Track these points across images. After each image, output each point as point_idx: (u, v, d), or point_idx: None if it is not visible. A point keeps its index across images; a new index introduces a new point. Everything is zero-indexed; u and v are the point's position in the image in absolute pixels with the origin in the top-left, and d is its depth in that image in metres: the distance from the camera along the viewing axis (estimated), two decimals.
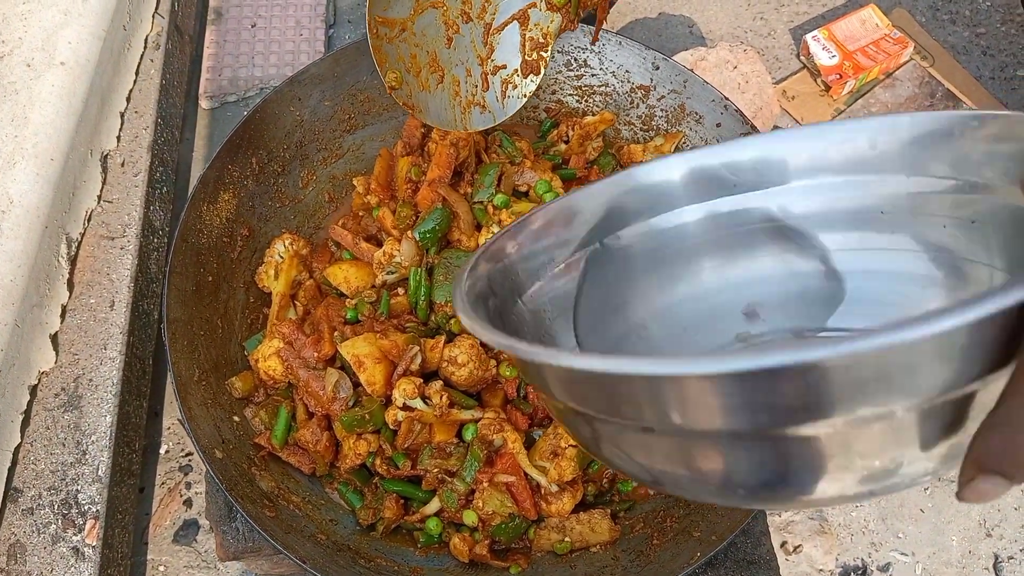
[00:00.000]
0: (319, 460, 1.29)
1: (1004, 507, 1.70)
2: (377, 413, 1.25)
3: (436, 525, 1.26)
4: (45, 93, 1.54)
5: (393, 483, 1.28)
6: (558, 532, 1.28)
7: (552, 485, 1.25)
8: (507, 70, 1.32)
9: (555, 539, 1.27)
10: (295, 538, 1.16)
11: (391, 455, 1.27)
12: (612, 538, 1.28)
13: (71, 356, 1.50)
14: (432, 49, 1.26)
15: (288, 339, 1.30)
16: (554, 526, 1.28)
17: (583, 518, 1.28)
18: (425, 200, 1.38)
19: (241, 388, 1.33)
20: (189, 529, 1.59)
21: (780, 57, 2.16)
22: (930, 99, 2.07)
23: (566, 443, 1.25)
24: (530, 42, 1.29)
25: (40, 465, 1.42)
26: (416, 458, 1.27)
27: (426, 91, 1.27)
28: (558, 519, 1.28)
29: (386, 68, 1.22)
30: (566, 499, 1.26)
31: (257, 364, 1.32)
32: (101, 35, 1.64)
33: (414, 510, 1.28)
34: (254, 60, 1.99)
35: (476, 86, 1.31)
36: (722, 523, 1.22)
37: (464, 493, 1.24)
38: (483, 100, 1.32)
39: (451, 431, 1.27)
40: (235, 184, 1.38)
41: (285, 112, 1.42)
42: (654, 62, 1.46)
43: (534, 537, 1.28)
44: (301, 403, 1.30)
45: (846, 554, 1.67)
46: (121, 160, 1.69)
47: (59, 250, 1.52)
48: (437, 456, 1.24)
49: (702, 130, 1.47)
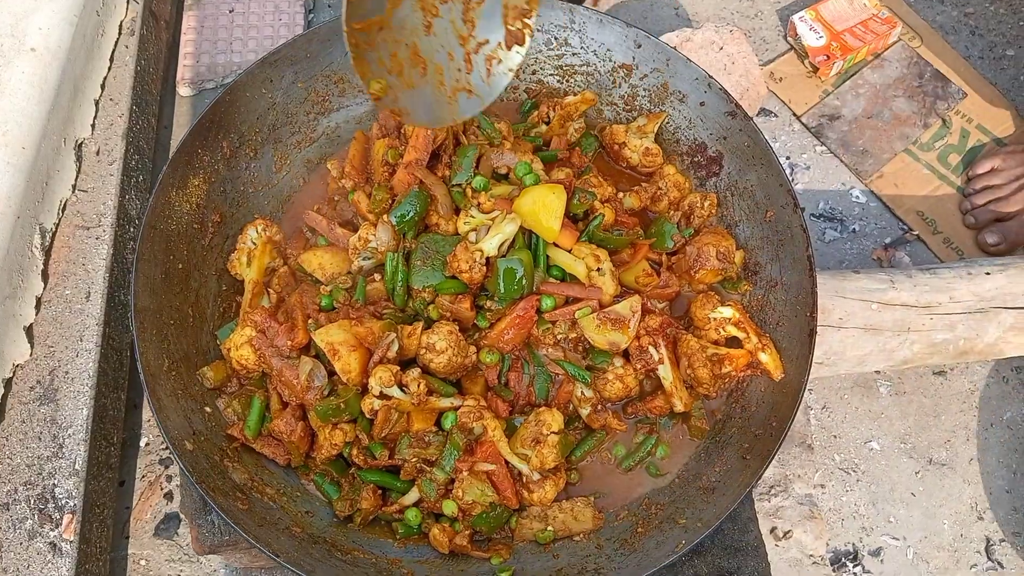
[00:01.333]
0: (294, 451, 1.26)
1: (996, 490, 1.69)
2: (353, 402, 1.22)
3: (415, 516, 1.24)
4: (15, 80, 1.51)
5: (371, 473, 1.25)
6: (540, 521, 1.25)
7: (534, 473, 1.23)
8: (490, 45, 1.28)
9: (537, 528, 1.25)
10: (269, 531, 1.14)
11: (368, 445, 1.24)
12: (596, 526, 1.26)
13: (46, 348, 1.47)
14: (412, 41, 1.22)
15: (261, 327, 1.27)
16: (536, 515, 1.25)
17: (565, 506, 1.26)
18: (402, 183, 1.35)
19: (213, 378, 1.30)
20: (170, 522, 1.56)
21: (767, 38, 2.13)
22: (919, 79, 2.04)
23: (548, 431, 1.22)
24: (512, 10, 1.25)
25: (16, 459, 1.39)
26: (394, 448, 1.24)
27: (410, 89, 1.24)
28: (540, 508, 1.25)
29: (369, 79, 1.18)
30: (548, 487, 1.24)
31: (229, 353, 1.29)
32: (73, 21, 1.61)
33: (392, 501, 1.26)
34: (232, 46, 1.96)
35: (459, 69, 1.28)
36: (708, 510, 1.20)
37: (443, 482, 1.21)
38: (468, 83, 1.29)
39: (430, 420, 1.24)
40: (205, 169, 1.35)
41: (257, 94, 1.39)
42: (636, 40, 1.43)
43: (516, 527, 1.25)
44: (275, 393, 1.28)
45: (837, 539, 1.65)
46: (96, 148, 1.66)
47: (33, 240, 1.49)
48: (415, 445, 1.22)
49: (685, 109, 1.44)
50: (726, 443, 1.29)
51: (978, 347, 1.62)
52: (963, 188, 1.94)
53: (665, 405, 1.31)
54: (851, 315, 1.55)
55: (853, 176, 1.96)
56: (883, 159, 1.97)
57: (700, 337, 1.34)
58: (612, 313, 1.27)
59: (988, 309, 1.58)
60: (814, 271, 1.27)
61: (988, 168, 1.88)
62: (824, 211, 1.93)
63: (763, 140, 1.35)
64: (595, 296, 1.28)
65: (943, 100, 2.02)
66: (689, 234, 1.41)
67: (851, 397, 1.76)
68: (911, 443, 1.73)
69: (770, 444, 1.19)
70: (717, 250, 1.35)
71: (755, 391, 1.31)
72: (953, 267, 1.62)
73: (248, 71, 1.36)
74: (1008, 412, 1.76)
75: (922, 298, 1.57)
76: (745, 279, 1.40)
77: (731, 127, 1.40)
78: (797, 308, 1.29)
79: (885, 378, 1.78)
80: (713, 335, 1.34)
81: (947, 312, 1.57)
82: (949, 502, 1.68)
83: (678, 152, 1.48)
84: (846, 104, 2.02)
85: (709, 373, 1.29)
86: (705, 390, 1.31)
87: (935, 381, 1.78)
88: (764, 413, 1.26)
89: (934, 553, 1.65)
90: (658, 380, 1.32)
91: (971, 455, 1.72)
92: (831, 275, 1.57)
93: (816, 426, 1.73)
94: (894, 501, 1.68)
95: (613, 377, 1.28)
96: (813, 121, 2.01)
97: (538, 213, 1.26)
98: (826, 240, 1.90)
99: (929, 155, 1.98)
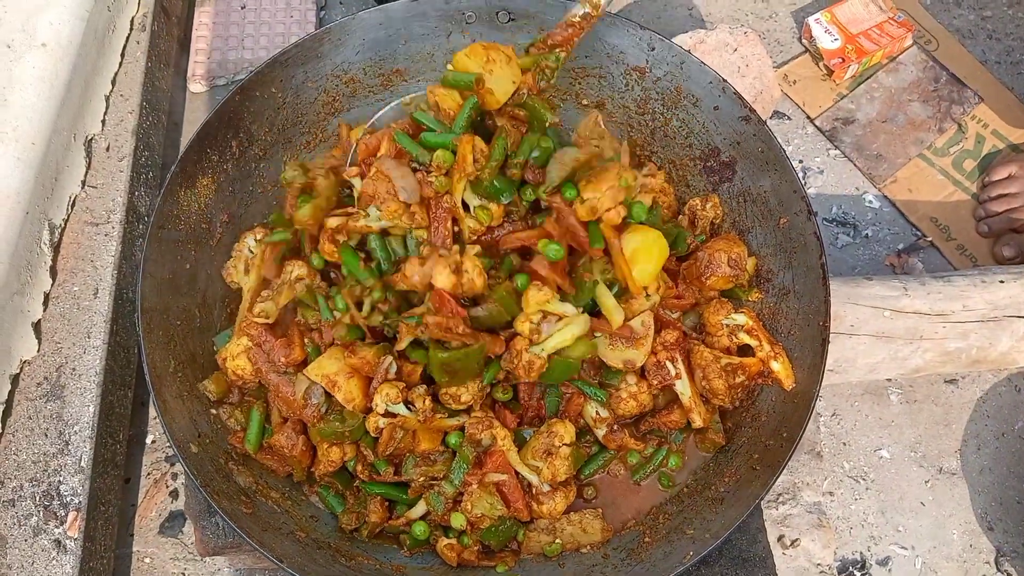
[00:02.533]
0: (296, 465, 1.24)
1: (1006, 500, 1.67)
2: (358, 429, 1.20)
3: (423, 530, 1.22)
4: (26, 75, 1.51)
5: (376, 486, 1.24)
6: (548, 534, 1.24)
7: (544, 485, 1.22)
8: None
9: (545, 541, 1.24)
10: (272, 535, 1.13)
11: (372, 462, 1.23)
12: (604, 539, 1.25)
13: (54, 345, 1.47)
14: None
15: (257, 341, 1.25)
16: (544, 528, 1.24)
17: (574, 519, 1.25)
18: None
19: (215, 391, 1.28)
20: (175, 521, 1.56)
21: (782, 40, 2.11)
22: (934, 83, 2.02)
23: (560, 443, 1.21)
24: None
25: (22, 456, 1.39)
26: (399, 464, 1.22)
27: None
28: (548, 520, 1.24)
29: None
30: (559, 499, 1.22)
31: (225, 363, 1.27)
32: (84, 16, 1.61)
33: (398, 514, 1.25)
34: (244, 42, 1.95)
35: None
36: (717, 520, 1.18)
37: (452, 496, 1.20)
38: None
39: (436, 439, 1.22)
40: (214, 169, 1.34)
41: (267, 94, 1.38)
42: (650, 43, 1.41)
43: (524, 540, 1.24)
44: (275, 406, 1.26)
45: (845, 548, 1.64)
46: (106, 144, 1.66)
47: (41, 236, 1.49)
48: (422, 464, 1.20)
49: (699, 113, 1.42)
50: (736, 453, 1.28)
51: (991, 356, 1.60)
52: (978, 195, 1.92)
53: (681, 419, 1.29)
54: (863, 322, 1.54)
55: (867, 181, 1.95)
56: (897, 164, 1.95)
57: (711, 345, 1.32)
58: (625, 331, 1.25)
59: (1002, 318, 1.57)
60: (827, 280, 1.25)
61: (1004, 175, 1.86)
62: (837, 216, 1.91)
63: (777, 146, 1.34)
64: (607, 329, 1.26)
65: (959, 105, 2.00)
66: (702, 240, 1.40)
67: (861, 405, 1.74)
68: (921, 452, 1.71)
69: (780, 455, 1.18)
70: (729, 256, 1.33)
71: (766, 401, 1.30)
72: (967, 275, 1.60)
73: (258, 71, 1.35)
74: (1020, 422, 1.74)
75: (935, 306, 1.55)
76: (757, 287, 1.38)
77: (745, 132, 1.38)
78: (809, 317, 1.28)
79: (896, 386, 1.76)
80: (725, 342, 1.32)
81: (960, 320, 1.56)
82: (959, 512, 1.67)
83: (691, 157, 1.47)
84: (860, 108, 2.00)
85: (724, 384, 1.27)
86: (720, 401, 1.29)
87: (946, 389, 1.76)
88: (775, 423, 1.25)
89: (943, 563, 1.63)
90: (671, 393, 1.30)
91: (982, 465, 1.70)
92: (844, 281, 1.56)
93: (826, 433, 1.71)
94: (903, 510, 1.67)
95: (627, 395, 1.26)
96: (827, 124, 1.99)
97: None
98: (839, 245, 1.88)
99: (944, 160, 1.96)
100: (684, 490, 1.29)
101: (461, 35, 1.46)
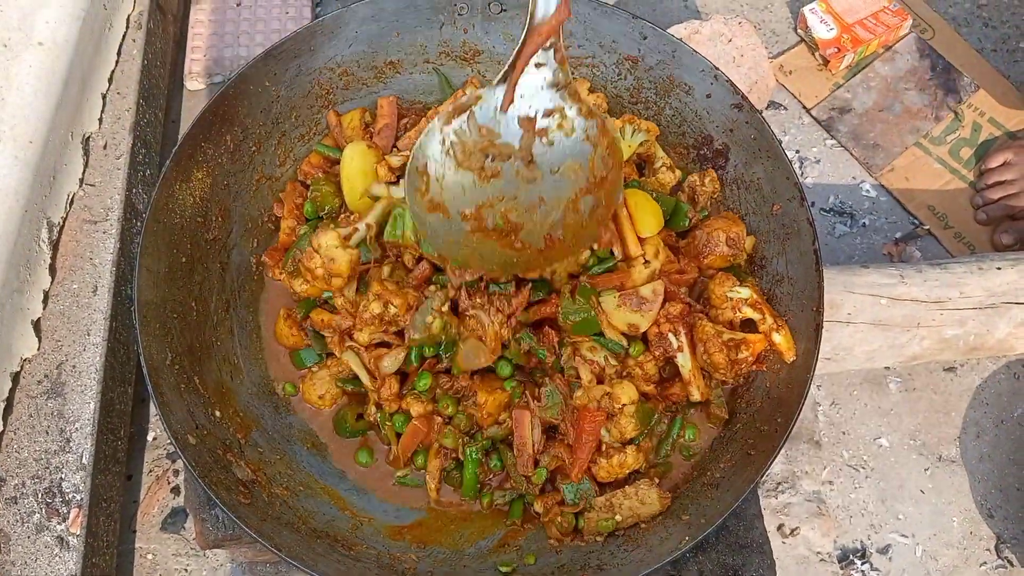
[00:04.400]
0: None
1: (1006, 487, 1.67)
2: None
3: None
4: (23, 74, 1.51)
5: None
6: (607, 511, 1.24)
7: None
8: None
9: (603, 518, 1.24)
10: (271, 526, 1.14)
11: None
12: (663, 507, 1.24)
13: (54, 342, 1.48)
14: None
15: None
16: (602, 506, 1.24)
17: (629, 491, 1.24)
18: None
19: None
20: (177, 516, 1.57)
21: (777, 30, 2.11)
22: (930, 72, 2.02)
23: (618, 403, 1.22)
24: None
25: (23, 453, 1.40)
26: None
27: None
28: (605, 498, 1.24)
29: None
30: (630, 452, 1.24)
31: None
32: (80, 15, 1.61)
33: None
34: (240, 39, 1.96)
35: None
36: (712, 506, 1.19)
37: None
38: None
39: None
40: (209, 162, 1.35)
41: (260, 88, 1.38)
42: (642, 32, 1.42)
43: (583, 523, 1.24)
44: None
45: (845, 536, 1.64)
46: (103, 142, 1.67)
47: (40, 235, 1.50)
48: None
49: (692, 101, 1.43)
50: (732, 439, 1.28)
51: (989, 343, 1.60)
52: (975, 182, 1.92)
53: (682, 392, 1.30)
54: (860, 310, 1.54)
55: (863, 170, 1.95)
56: (894, 153, 1.95)
57: (715, 319, 1.31)
58: (635, 294, 1.26)
59: (999, 304, 1.57)
60: (820, 265, 1.26)
61: (1000, 162, 1.86)
62: (834, 205, 1.91)
63: (769, 133, 1.34)
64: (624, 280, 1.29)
65: (955, 93, 2.00)
66: (704, 215, 1.41)
67: (860, 393, 1.74)
68: (920, 440, 1.71)
69: (775, 440, 1.18)
70: (727, 235, 1.33)
71: (760, 387, 1.30)
72: (964, 262, 1.60)
73: (251, 64, 1.35)
74: (1019, 409, 1.74)
75: (932, 293, 1.55)
76: (751, 273, 1.39)
77: (737, 119, 1.38)
78: (803, 303, 1.28)
79: (894, 374, 1.76)
80: (728, 315, 1.31)
81: (957, 307, 1.56)
82: (959, 499, 1.67)
83: (684, 144, 1.47)
84: (856, 97, 2.01)
85: (725, 359, 1.27)
86: (721, 376, 1.29)
87: (945, 377, 1.76)
88: (770, 409, 1.25)
89: (943, 551, 1.63)
90: (673, 367, 1.31)
91: (981, 452, 1.71)
92: (840, 270, 1.56)
93: (824, 422, 1.71)
94: (903, 498, 1.67)
95: (633, 364, 1.28)
96: (823, 114, 1.99)
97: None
98: (836, 235, 1.89)
99: (940, 149, 1.96)
100: (681, 475, 1.29)
101: (453, 26, 1.46)
